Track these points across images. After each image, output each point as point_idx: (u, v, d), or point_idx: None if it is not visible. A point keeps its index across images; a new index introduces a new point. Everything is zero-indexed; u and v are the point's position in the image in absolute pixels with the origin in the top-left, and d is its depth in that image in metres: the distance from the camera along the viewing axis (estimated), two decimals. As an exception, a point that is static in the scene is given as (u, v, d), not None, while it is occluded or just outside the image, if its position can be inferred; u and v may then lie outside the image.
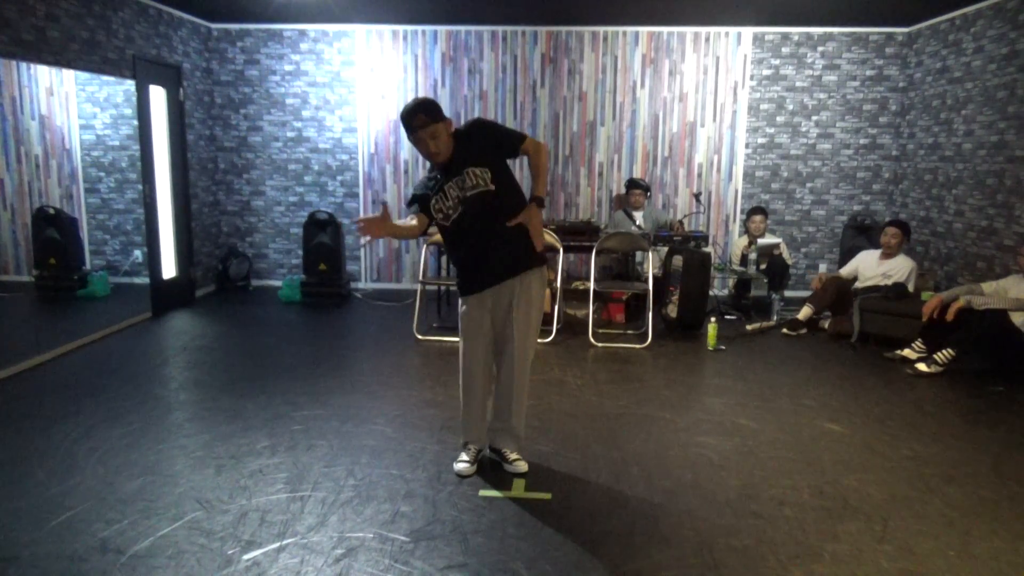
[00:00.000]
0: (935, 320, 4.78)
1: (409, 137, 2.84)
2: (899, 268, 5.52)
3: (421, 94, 7.01)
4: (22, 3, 4.52)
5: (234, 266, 7.11)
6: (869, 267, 5.68)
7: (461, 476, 3.12)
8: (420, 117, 2.76)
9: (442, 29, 6.92)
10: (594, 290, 5.52)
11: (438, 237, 5.53)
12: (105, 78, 5.46)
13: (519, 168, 6.55)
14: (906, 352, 4.99)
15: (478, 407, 3.17)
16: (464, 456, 3.20)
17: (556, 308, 5.51)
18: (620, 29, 6.87)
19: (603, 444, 3.50)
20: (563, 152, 7.12)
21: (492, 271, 2.97)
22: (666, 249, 5.94)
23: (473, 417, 3.19)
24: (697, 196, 6.90)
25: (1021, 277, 4.69)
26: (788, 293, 6.72)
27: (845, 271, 5.84)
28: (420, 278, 5.66)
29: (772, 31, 6.84)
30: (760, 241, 6.23)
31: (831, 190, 7.09)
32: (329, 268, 6.78)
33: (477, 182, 2.85)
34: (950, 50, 6.09)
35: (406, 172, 7.17)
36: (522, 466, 3.16)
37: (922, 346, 4.93)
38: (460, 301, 3.10)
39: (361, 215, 7.17)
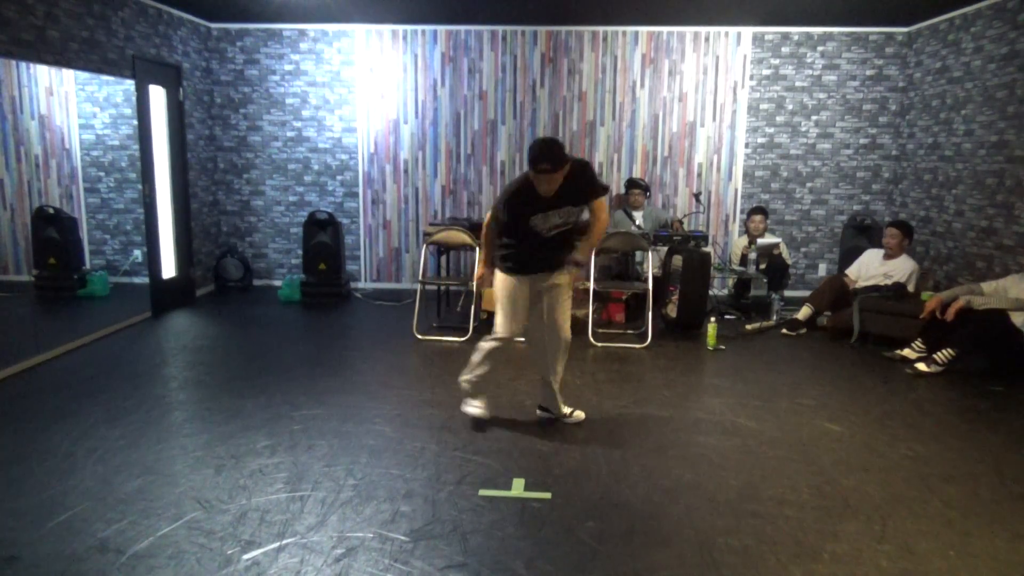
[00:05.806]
0: (935, 320, 4.78)
1: (530, 169, 3.27)
2: (901, 269, 5.52)
3: (421, 94, 7.02)
4: (21, 3, 4.52)
5: (224, 264, 7.10)
6: (871, 266, 5.68)
7: (475, 417, 3.67)
8: (545, 165, 3.21)
9: (442, 29, 6.92)
10: (594, 290, 5.52)
11: (437, 237, 5.59)
12: (105, 78, 5.46)
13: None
14: (906, 352, 4.99)
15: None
16: (475, 402, 3.68)
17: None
18: (620, 29, 6.87)
19: (603, 444, 3.50)
20: (563, 152, 7.10)
21: (540, 266, 3.57)
22: (666, 249, 5.94)
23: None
24: (697, 196, 6.90)
25: (1021, 277, 4.69)
26: (788, 293, 6.72)
27: (851, 271, 5.84)
28: (420, 278, 5.66)
29: (772, 31, 6.84)
30: (760, 241, 6.23)
31: (831, 190, 7.09)
32: (329, 268, 6.78)
33: (568, 219, 3.46)
34: (950, 50, 6.09)
35: (405, 172, 7.17)
36: (580, 415, 3.77)
37: (922, 346, 4.93)
38: (499, 273, 3.61)
39: (363, 217, 7.19)
